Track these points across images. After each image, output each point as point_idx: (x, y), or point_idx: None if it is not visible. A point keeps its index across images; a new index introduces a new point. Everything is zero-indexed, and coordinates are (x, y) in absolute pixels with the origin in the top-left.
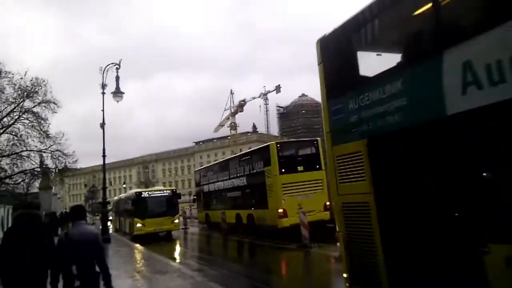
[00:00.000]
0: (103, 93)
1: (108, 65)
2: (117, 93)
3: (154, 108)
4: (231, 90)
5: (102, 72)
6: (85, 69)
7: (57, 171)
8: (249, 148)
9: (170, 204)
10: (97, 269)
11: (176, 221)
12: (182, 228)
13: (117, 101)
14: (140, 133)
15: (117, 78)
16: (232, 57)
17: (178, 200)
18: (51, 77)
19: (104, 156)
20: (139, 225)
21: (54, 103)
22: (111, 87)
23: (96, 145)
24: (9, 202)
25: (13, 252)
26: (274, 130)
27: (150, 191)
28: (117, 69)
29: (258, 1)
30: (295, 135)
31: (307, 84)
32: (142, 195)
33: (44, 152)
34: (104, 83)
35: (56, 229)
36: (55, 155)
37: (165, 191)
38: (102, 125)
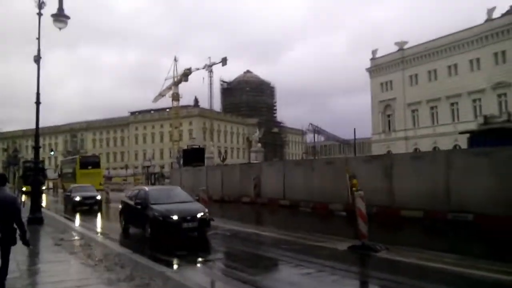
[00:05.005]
0: (39, 14)
1: None
2: (60, 16)
3: (82, 79)
4: (175, 57)
5: None
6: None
7: None
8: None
9: None
10: (15, 226)
11: None
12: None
13: (60, 28)
14: (67, 102)
15: None
16: (163, 35)
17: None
18: None
19: (38, 102)
20: None
21: None
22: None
23: (14, 110)
24: None
25: None
26: (217, 105)
27: None
28: None
29: None
30: (238, 112)
31: (245, 66)
32: None
33: None
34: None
35: None
36: None
37: None
38: (37, 58)
